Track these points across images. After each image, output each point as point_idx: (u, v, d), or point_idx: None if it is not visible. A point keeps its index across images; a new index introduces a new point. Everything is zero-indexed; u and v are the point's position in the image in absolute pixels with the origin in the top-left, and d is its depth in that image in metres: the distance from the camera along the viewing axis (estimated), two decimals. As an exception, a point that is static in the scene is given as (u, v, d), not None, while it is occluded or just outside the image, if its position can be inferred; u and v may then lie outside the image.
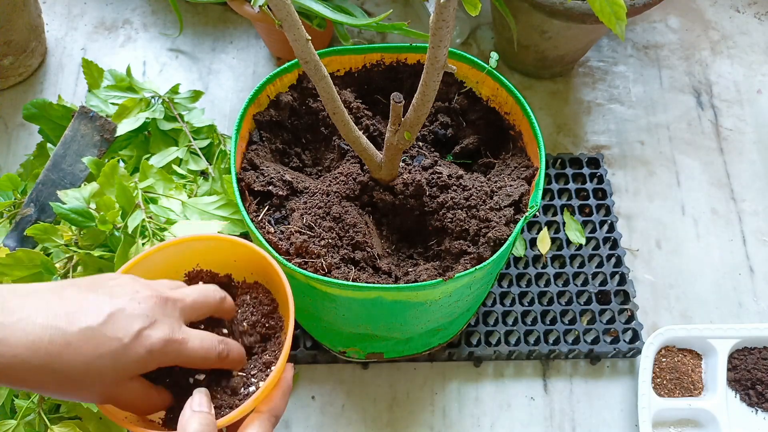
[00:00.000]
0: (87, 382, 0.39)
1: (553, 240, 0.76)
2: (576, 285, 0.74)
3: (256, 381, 0.45)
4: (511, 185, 0.57)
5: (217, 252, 0.52)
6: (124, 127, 0.70)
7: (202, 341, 0.43)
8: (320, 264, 0.51)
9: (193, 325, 0.45)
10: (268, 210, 0.56)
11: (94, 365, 0.39)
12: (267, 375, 0.45)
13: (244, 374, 0.46)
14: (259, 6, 0.48)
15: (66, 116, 0.70)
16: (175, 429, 0.41)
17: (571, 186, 0.80)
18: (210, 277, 0.54)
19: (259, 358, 0.48)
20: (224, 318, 0.49)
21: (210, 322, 0.48)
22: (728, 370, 0.70)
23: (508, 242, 0.51)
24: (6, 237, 0.65)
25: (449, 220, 0.56)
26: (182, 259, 0.52)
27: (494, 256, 0.51)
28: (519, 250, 0.75)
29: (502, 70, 0.90)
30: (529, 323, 0.71)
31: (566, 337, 0.70)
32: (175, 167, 0.70)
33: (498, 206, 0.55)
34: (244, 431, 0.42)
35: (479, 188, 0.57)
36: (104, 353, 0.39)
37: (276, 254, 0.49)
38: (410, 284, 0.50)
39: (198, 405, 0.41)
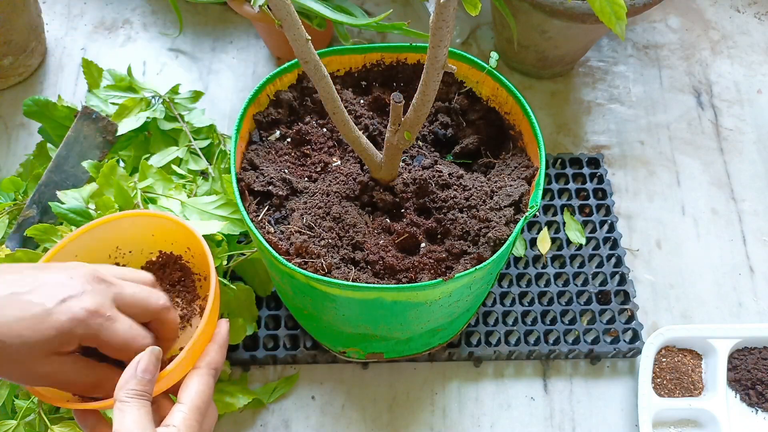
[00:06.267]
0: (8, 351, 0.39)
1: (553, 240, 0.76)
2: (576, 285, 0.74)
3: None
4: (511, 185, 0.57)
5: (133, 230, 0.53)
6: (125, 127, 0.70)
7: (131, 327, 0.43)
8: (320, 264, 0.51)
9: None
10: (268, 210, 0.56)
11: (13, 328, 0.39)
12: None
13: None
14: (259, 6, 0.48)
15: (69, 117, 0.70)
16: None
17: (571, 186, 0.80)
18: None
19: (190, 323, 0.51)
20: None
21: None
22: (728, 370, 0.70)
23: (508, 242, 0.51)
24: (8, 238, 0.64)
25: (449, 220, 0.56)
26: (100, 244, 0.52)
27: (494, 256, 0.51)
28: (519, 250, 0.75)
29: (502, 70, 0.90)
30: (529, 323, 0.71)
31: (566, 337, 0.70)
32: (174, 167, 0.70)
33: (498, 206, 0.55)
34: (186, 386, 0.43)
35: (479, 188, 0.57)
36: (25, 316, 0.39)
37: (276, 254, 0.49)
38: (410, 284, 0.50)
39: (142, 371, 0.41)
